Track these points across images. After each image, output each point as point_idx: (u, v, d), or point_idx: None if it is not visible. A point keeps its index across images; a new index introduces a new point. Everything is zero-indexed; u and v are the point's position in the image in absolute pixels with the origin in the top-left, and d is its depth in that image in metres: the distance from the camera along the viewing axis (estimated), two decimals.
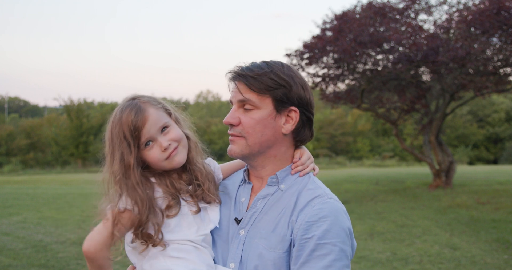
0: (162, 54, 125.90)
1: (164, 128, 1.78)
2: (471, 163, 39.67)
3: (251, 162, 1.89)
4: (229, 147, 1.87)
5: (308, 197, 1.79)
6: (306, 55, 15.22)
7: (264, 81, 1.78)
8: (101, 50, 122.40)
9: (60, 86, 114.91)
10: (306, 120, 1.88)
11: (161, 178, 1.80)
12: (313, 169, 1.94)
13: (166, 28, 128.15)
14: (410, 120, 21.30)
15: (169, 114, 1.85)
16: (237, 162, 2.10)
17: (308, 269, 1.65)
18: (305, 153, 1.93)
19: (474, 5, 14.36)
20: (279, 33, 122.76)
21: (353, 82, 16.91)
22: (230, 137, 1.87)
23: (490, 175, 21.23)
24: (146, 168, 1.80)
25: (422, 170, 25.72)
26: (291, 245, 1.72)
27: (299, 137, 1.90)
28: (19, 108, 76.72)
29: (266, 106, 1.81)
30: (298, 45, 38.08)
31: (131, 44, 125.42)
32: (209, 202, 1.85)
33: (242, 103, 1.82)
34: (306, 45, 15.09)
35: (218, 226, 1.85)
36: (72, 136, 35.86)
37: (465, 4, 15.00)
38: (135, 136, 1.71)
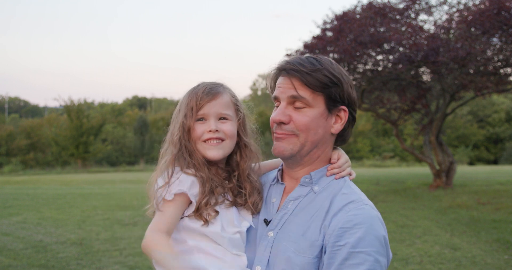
0: (163, 54, 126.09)
1: (223, 118, 1.79)
2: (471, 163, 39.69)
3: (293, 162, 1.79)
4: (277, 144, 1.77)
5: (342, 202, 1.68)
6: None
7: (319, 78, 1.70)
8: (102, 50, 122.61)
9: (60, 86, 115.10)
10: (351, 120, 1.82)
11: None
12: (349, 174, 1.83)
13: (167, 29, 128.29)
14: (410, 120, 21.29)
15: (238, 116, 1.85)
16: (273, 162, 2.04)
17: None
18: (342, 156, 1.85)
19: (474, 5, 14.35)
20: (279, 33, 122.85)
21: (353, 82, 16.87)
22: (277, 135, 1.77)
23: (491, 176, 21.23)
24: None
25: (423, 171, 25.73)
26: (322, 251, 1.62)
27: (342, 137, 1.84)
28: (19, 108, 76.73)
29: (318, 104, 1.73)
30: (298, 45, 38.05)
31: (132, 44, 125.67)
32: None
33: (293, 100, 1.73)
34: (306, 45, 15.09)
35: (253, 226, 1.78)
36: (72, 136, 35.88)
37: (465, 5, 15.00)
38: (198, 106, 1.77)
